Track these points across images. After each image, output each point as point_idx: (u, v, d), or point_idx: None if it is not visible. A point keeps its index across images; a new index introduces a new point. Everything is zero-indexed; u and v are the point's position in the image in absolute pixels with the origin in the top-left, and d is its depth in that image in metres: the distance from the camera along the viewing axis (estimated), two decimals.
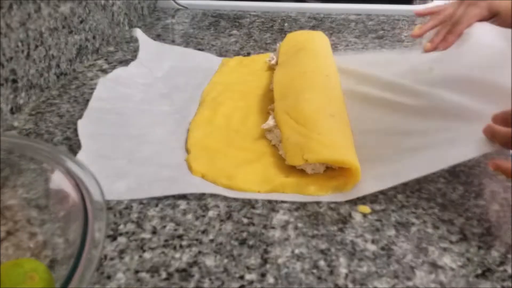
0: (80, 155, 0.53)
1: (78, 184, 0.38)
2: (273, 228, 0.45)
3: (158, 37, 0.92)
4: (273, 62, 0.75)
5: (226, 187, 0.50)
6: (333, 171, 0.51)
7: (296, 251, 0.43)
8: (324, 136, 0.52)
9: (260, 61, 0.78)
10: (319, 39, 0.76)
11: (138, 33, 0.80)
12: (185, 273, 0.41)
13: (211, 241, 0.44)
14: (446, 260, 0.42)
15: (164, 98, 0.68)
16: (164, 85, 0.71)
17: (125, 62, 0.80)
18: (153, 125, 0.61)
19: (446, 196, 0.49)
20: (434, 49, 0.70)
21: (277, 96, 0.62)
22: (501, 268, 0.41)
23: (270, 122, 0.58)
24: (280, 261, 0.42)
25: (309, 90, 0.60)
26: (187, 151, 0.56)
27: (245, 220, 0.46)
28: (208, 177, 0.52)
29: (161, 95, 0.69)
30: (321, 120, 0.55)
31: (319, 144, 0.51)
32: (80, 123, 0.58)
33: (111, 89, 0.67)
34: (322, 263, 0.41)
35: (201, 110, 0.64)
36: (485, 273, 0.40)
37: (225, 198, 0.49)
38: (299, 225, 0.46)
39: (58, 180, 0.40)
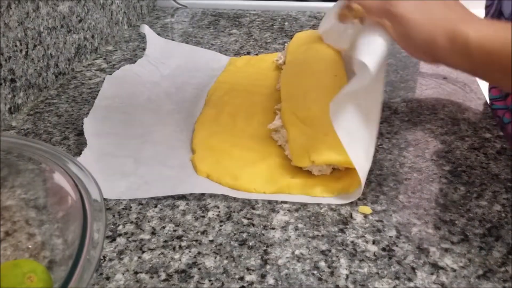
0: (86, 153, 0.53)
1: (77, 185, 0.38)
2: (273, 229, 0.45)
3: None
4: (280, 61, 0.74)
5: (231, 188, 0.50)
6: (339, 172, 0.51)
7: (297, 252, 0.42)
8: (331, 137, 0.51)
9: (268, 61, 0.77)
10: None
11: (146, 29, 0.79)
12: (184, 274, 0.40)
13: (211, 242, 0.44)
14: (448, 261, 0.41)
15: (170, 97, 0.68)
16: (171, 84, 0.71)
17: (124, 61, 0.80)
18: (158, 124, 0.61)
19: (447, 196, 0.49)
20: None
21: (284, 96, 0.62)
22: (502, 269, 0.41)
23: (277, 122, 0.57)
24: (280, 262, 0.41)
25: (317, 90, 0.59)
26: (192, 150, 0.56)
27: (245, 221, 0.46)
28: (213, 177, 0.51)
29: (167, 94, 0.68)
30: (329, 121, 0.54)
31: (326, 146, 0.50)
32: (86, 121, 0.58)
33: (117, 87, 0.67)
34: (322, 264, 0.41)
35: (206, 110, 0.64)
36: (487, 274, 0.40)
37: (224, 199, 0.49)
38: (300, 225, 0.45)
39: (57, 181, 0.40)
